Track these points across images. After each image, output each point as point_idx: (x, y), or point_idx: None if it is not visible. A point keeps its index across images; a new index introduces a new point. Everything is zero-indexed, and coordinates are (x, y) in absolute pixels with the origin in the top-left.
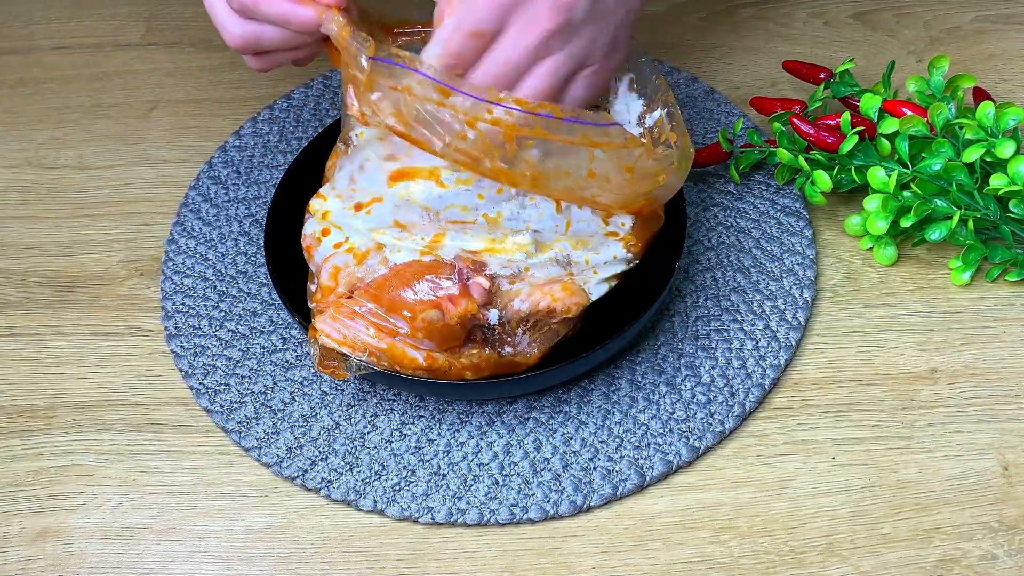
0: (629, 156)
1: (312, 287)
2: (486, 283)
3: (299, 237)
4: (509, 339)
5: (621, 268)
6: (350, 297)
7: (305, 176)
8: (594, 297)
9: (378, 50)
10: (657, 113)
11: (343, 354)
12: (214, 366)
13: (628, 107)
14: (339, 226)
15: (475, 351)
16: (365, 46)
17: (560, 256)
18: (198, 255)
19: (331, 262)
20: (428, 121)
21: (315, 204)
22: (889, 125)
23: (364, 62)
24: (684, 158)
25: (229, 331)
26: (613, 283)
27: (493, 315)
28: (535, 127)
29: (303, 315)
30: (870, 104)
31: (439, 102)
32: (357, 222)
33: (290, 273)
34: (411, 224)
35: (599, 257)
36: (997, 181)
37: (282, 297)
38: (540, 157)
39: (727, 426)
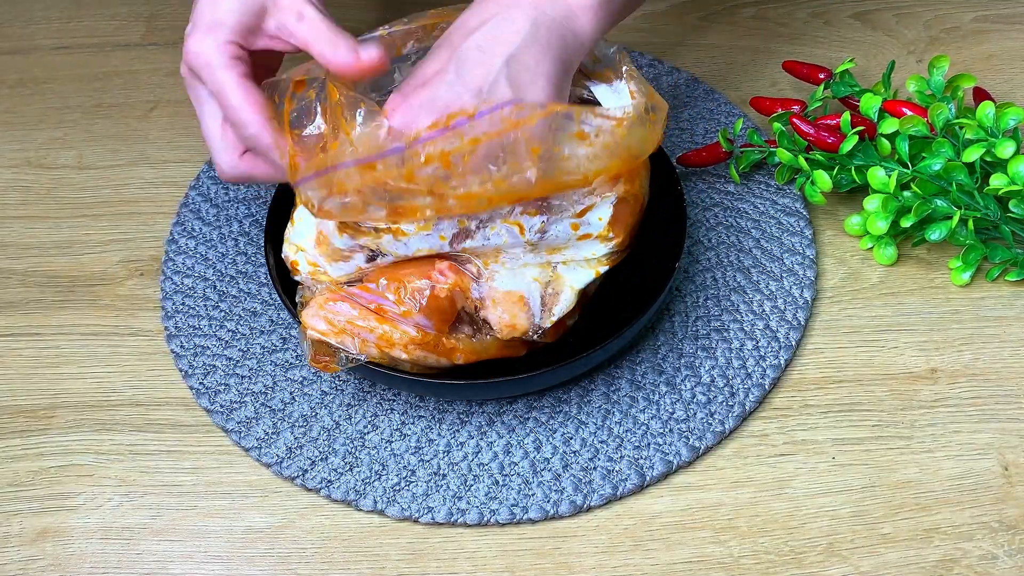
0: (567, 123)
1: (299, 297)
2: (475, 269)
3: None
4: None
5: (603, 253)
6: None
7: None
8: (580, 285)
9: (303, 169)
10: (620, 87)
11: (334, 348)
12: (214, 366)
13: (618, 96)
14: (314, 263)
15: (463, 335)
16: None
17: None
18: (198, 255)
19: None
20: (390, 196)
21: (290, 234)
22: (889, 125)
23: (299, 191)
24: (652, 110)
25: (229, 331)
26: (602, 268)
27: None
28: (460, 142)
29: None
30: (870, 104)
31: (369, 179)
32: (332, 268)
33: (290, 273)
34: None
35: (578, 254)
36: (997, 181)
37: (282, 297)
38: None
39: (727, 426)
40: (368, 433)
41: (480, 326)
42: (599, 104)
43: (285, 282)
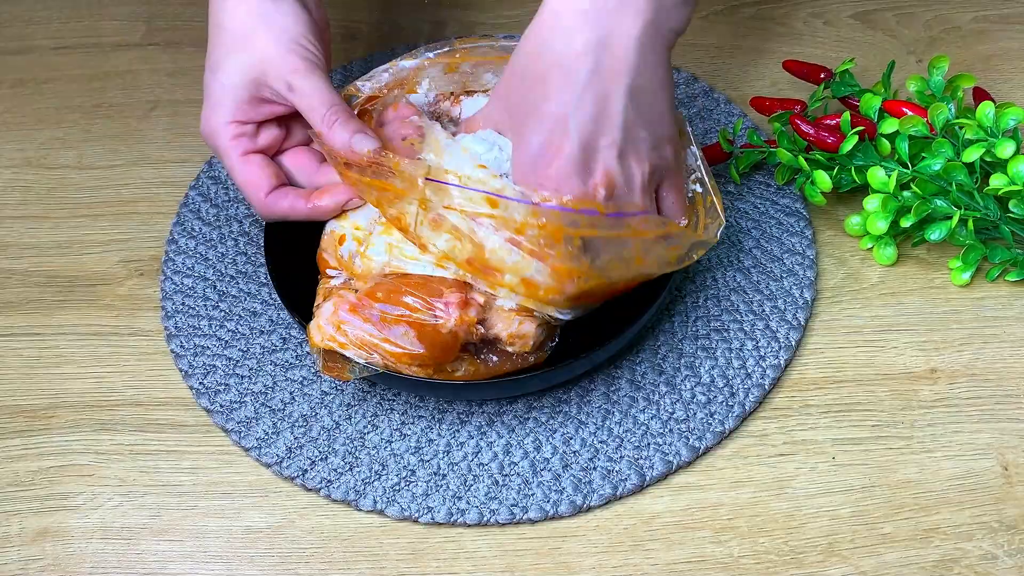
0: (671, 240)
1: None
2: (482, 300)
3: (298, 238)
4: (497, 350)
5: None
6: (350, 289)
7: None
8: None
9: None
10: (693, 185)
11: (346, 356)
12: (214, 366)
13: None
14: (359, 238)
15: (466, 358)
16: (420, 168)
17: None
18: (198, 255)
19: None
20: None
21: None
22: (889, 125)
23: (420, 182)
24: (720, 225)
25: (229, 331)
26: None
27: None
28: (581, 226)
29: (302, 315)
30: (870, 104)
31: (488, 215)
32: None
33: (290, 273)
34: None
35: None
36: (997, 181)
37: (282, 297)
38: (591, 256)
39: (727, 426)
40: (368, 433)
41: (485, 348)
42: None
43: (284, 282)
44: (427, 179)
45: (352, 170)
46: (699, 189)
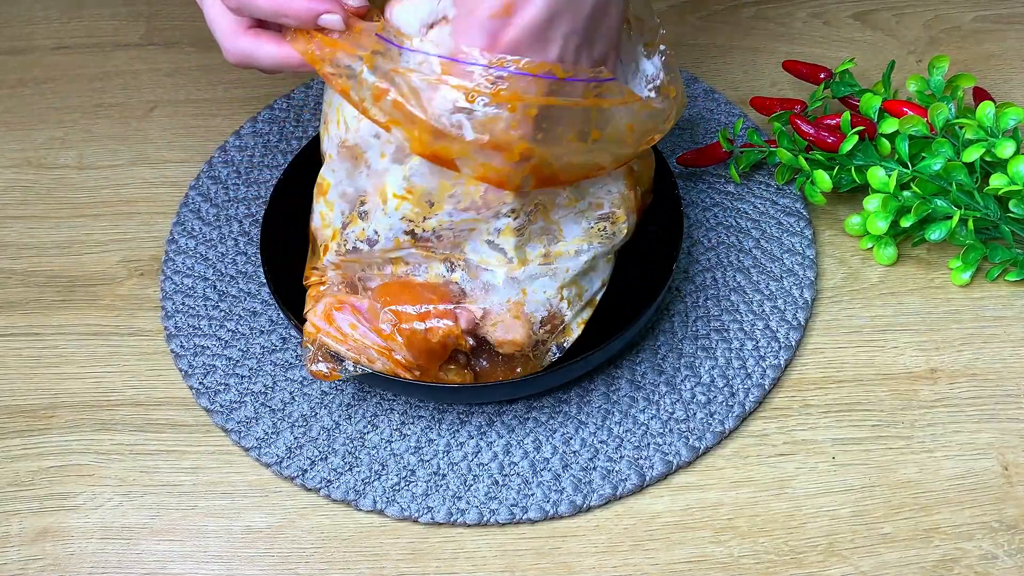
0: (629, 112)
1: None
2: (477, 313)
3: (296, 239)
4: (487, 355)
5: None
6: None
7: (303, 176)
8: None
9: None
10: (656, 62)
11: (337, 356)
12: (214, 366)
13: (641, 70)
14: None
15: (452, 367)
16: (370, 28)
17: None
18: (198, 255)
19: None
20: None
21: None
22: (889, 125)
23: (369, 43)
24: (679, 110)
25: (229, 331)
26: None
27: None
28: (537, 92)
29: (299, 317)
30: (870, 104)
31: (438, 79)
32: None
33: (288, 274)
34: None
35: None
36: (997, 181)
37: (277, 299)
38: (543, 136)
39: (727, 426)
40: (368, 433)
41: (476, 354)
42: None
43: (283, 283)
44: (378, 35)
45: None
46: (653, 95)
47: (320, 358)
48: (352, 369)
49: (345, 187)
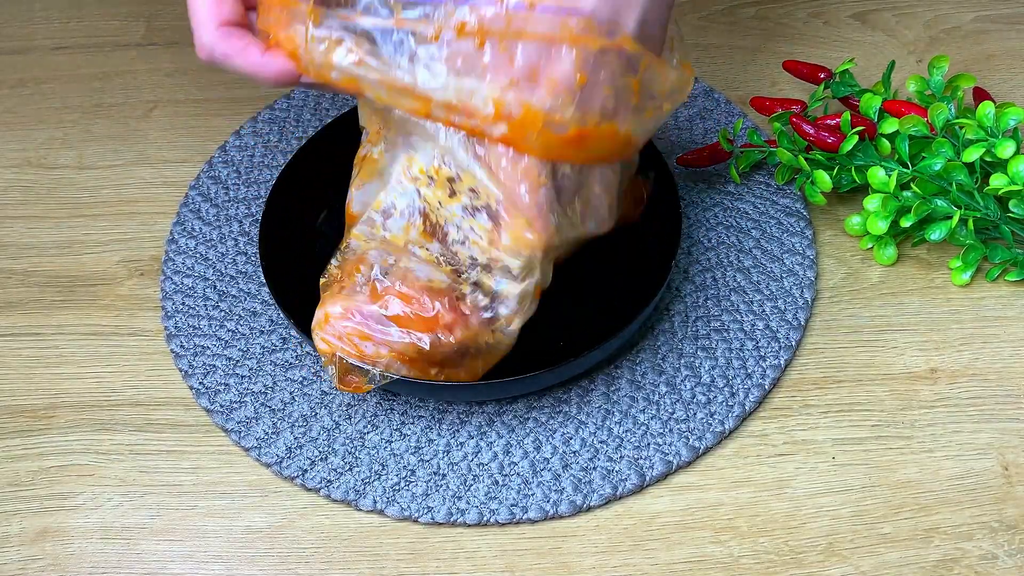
0: (632, 66)
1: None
2: (486, 313)
3: (295, 239)
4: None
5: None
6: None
7: (303, 177)
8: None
9: None
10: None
11: (362, 368)
12: (214, 366)
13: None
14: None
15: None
16: None
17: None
18: (198, 255)
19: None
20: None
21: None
22: (889, 125)
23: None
24: (684, 85)
25: (229, 331)
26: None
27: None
28: (508, 26)
29: (299, 317)
30: (870, 104)
31: (399, 21)
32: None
33: (288, 274)
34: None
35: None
36: (997, 181)
37: (277, 300)
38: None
39: (727, 426)
40: (368, 433)
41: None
42: None
43: (283, 283)
44: None
45: None
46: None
47: (345, 372)
48: (379, 377)
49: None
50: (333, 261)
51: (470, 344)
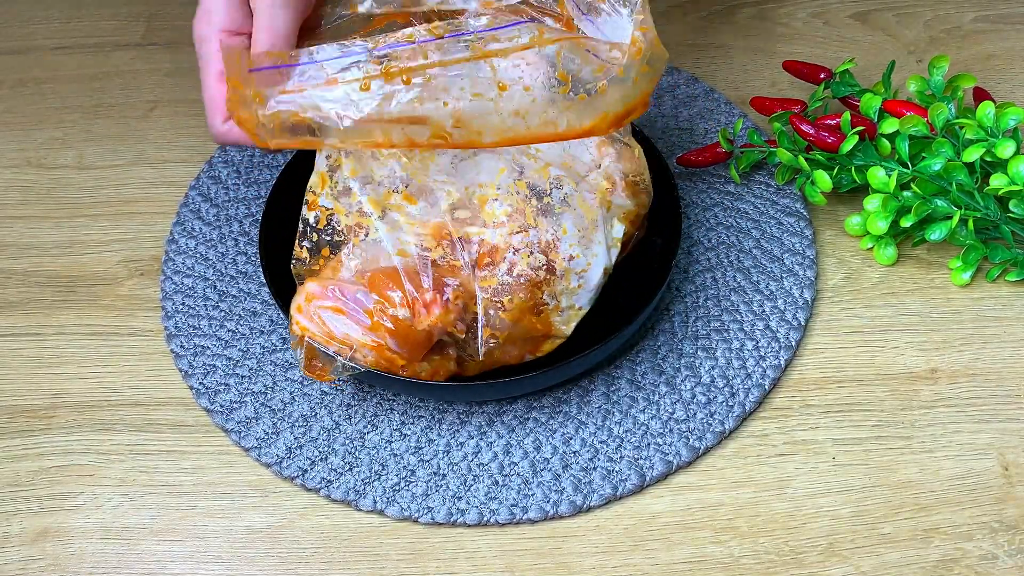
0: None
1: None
2: (459, 299)
3: (295, 239)
4: (472, 341)
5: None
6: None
7: (303, 177)
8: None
9: (256, 60)
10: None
11: (328, 355)
12: (214, 366)
13: (619, 23)
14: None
15: (436, 358)
16: (244, 59)
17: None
18: (198, 255)
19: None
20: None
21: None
22: (889, 125)
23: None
24: (653, 60)
25: (229, 331)
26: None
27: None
28: (417, 62)
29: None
30: (870, 104)
31: (329, 81)
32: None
33: (288, 274)
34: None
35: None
36: (997, 181)
37: (277, 300)
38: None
39: (727, 426)
40: (368, 433)
41: (463, 344)
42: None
43: (281, 284)
44: (251, 70)
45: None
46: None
47: (311, 358)
48: (342, 367)
49: None
50: (305, 243)
51: (442, 334)
